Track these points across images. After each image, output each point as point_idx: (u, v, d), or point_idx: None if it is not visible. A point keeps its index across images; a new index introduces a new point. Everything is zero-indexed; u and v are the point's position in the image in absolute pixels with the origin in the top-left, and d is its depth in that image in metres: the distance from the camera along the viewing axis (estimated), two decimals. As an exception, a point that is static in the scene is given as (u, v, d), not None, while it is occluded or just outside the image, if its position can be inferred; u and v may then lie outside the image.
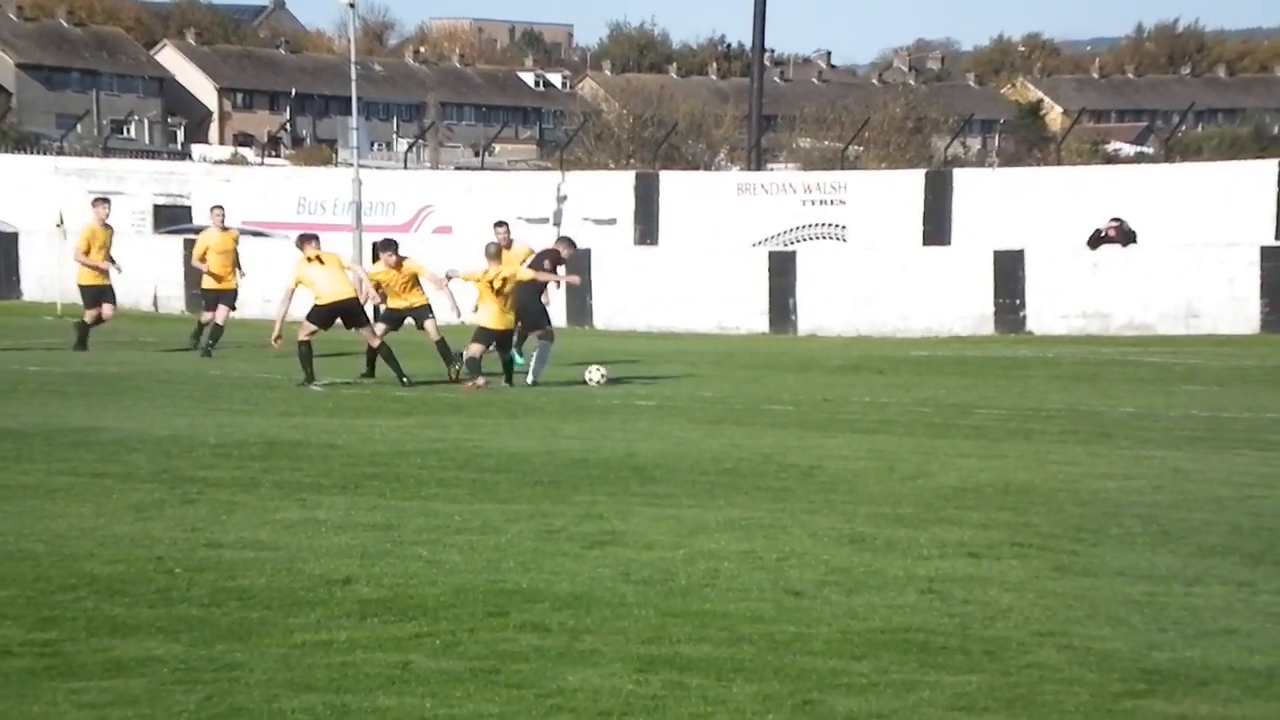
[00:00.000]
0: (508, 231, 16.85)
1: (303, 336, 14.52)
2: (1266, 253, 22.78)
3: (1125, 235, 23.84)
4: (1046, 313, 23.93)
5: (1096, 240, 23.94)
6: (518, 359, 15.51)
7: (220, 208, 19.14)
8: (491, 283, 14.40)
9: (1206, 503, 8.15)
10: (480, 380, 14.52)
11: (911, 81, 78.90)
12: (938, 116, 50.41)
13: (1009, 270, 24.20)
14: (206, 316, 18.26)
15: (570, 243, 16.43)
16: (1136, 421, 12.21)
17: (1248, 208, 24.00)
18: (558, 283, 16.40)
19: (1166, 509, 7.97)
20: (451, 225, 28.79)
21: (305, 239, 15.10)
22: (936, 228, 26.16)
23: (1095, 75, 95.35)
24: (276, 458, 9.56)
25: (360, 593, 6.02)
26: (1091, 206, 24.53)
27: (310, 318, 14.69)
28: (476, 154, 51.31)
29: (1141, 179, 26.82)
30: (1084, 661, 5.11)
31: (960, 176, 27.67)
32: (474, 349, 14.54)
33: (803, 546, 6.97)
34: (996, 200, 26.08)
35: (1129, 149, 62.21)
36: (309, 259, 14.73)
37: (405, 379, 14.68)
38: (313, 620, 5.62)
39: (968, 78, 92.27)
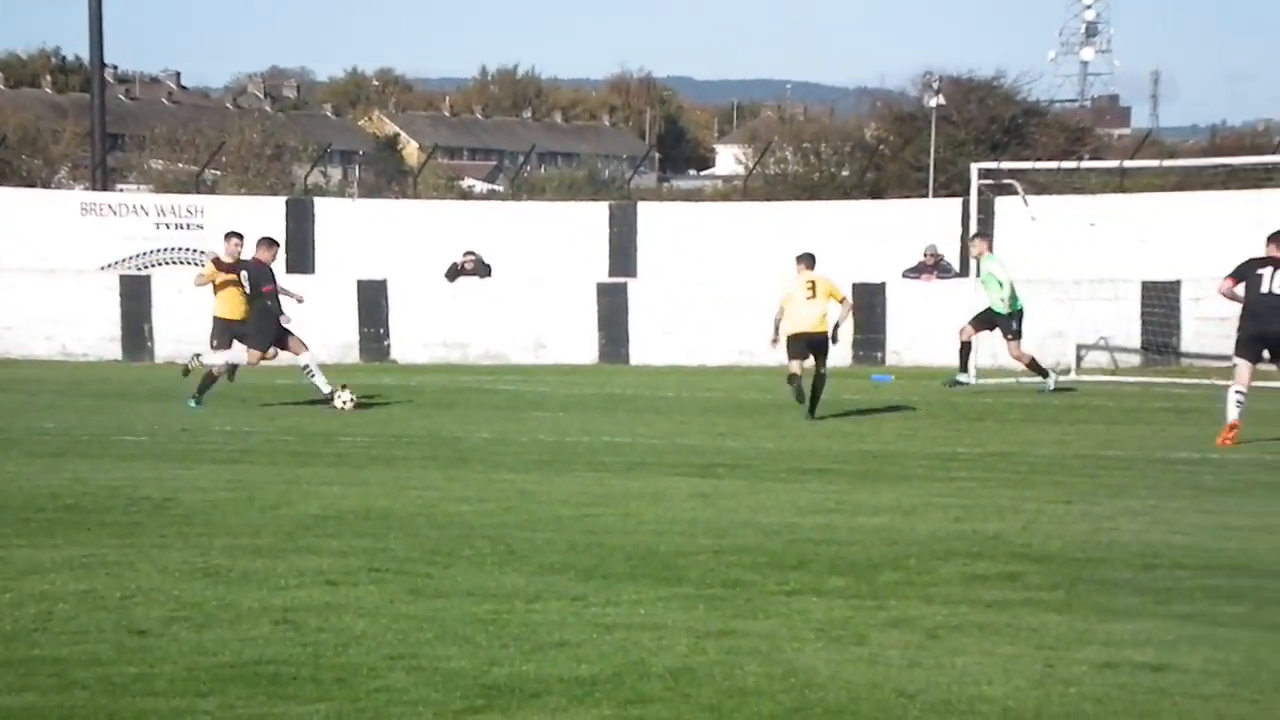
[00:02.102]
0: (239, 243, 16.03)
1: None
2: (601, 289, 24.79)
3: (481, 268, 25.04)
4: (409, 341, 24.60)
5: (454, 273, 24.95)
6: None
7: None
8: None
9: (549, 522, 8.69)
10: None
11: (268, 108, 78.07)
12: (296, 145, 50.25)
13: (372, 299, 24.66)
14: None
15: (271, 243, 16.02)
16: (491, 447, 12.80)
17: (586, 245, 25.92)
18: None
19: (514, 529, 8.41)
20: None
21: None
22: (300, 256, 26.04)
23: (447, 114, 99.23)
24: None
25: None
26: (449, 239, 25.48)
27: None
28: None
29: (494, 215, 28.19)
30: (430, 681, 5.26)
31: (321, 205, 27.72)
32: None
33: (151, 583, 6.67)
34: (359, 230, 26.40)
35: (481, 186, 65.19)
36: None
37: None
38: None
39: (325, 108, 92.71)
